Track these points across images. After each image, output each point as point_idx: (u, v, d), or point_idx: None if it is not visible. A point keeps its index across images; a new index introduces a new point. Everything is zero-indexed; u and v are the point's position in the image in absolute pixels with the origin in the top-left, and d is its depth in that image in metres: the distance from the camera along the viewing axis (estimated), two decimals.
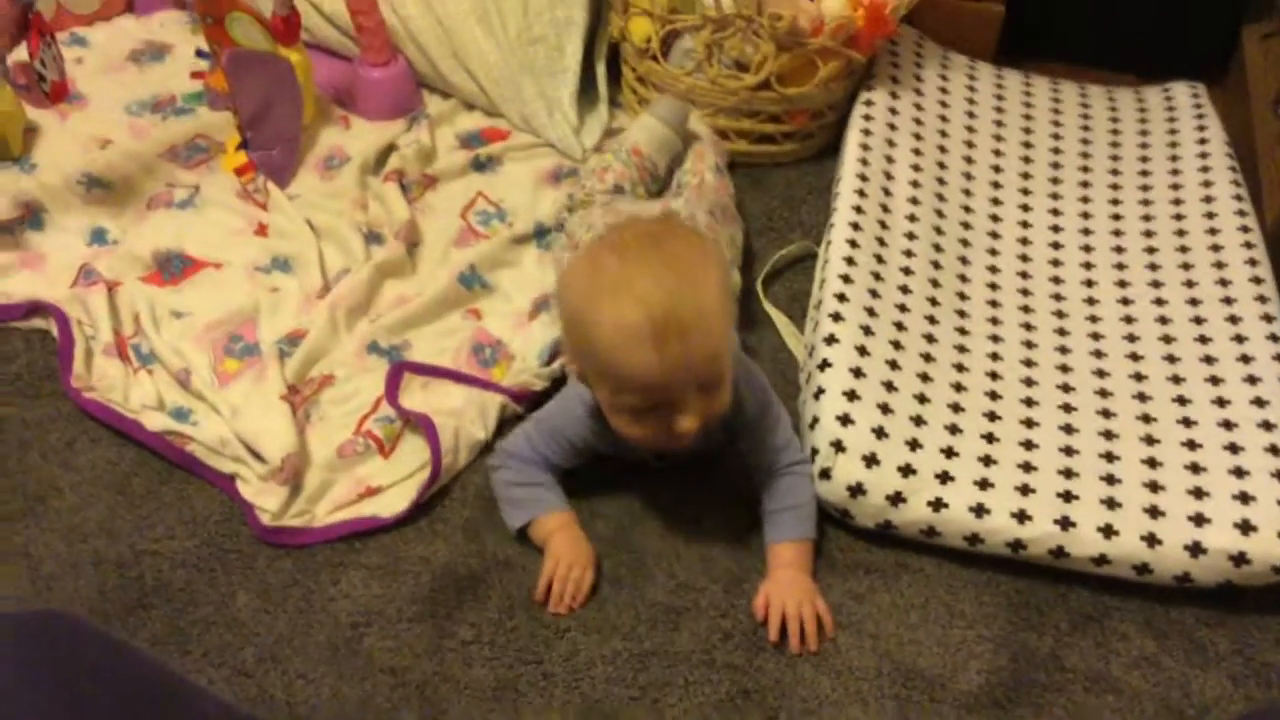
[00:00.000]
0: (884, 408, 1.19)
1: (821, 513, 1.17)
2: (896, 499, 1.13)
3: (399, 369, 1.28)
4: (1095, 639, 1.12)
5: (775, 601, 1.10)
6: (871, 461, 1.14)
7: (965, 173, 1.57)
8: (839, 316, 1.27)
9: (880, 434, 1.16)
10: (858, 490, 1.14)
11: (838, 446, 1.15)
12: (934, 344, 1.30)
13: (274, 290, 1.38)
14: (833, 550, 1.18)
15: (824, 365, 1.22)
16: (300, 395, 1.26)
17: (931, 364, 1.28)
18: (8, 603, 1.08)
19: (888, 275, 1.35)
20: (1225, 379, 1.27)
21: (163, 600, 1.09)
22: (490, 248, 1.45)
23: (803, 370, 1.31)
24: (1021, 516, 1.13)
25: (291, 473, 1.17)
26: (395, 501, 1.18)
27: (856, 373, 1.21)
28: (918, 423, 1.20)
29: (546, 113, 1.62)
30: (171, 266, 1.41)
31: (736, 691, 1.06)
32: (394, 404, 1.24)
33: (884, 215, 1.43)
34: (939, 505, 1.13)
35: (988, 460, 1.18)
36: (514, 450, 1.17)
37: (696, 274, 0.99)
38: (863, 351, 1.24)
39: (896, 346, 1.27)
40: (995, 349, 1.33)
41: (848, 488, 1.14)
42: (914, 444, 1.17)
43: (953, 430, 1.20)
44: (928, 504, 1.13)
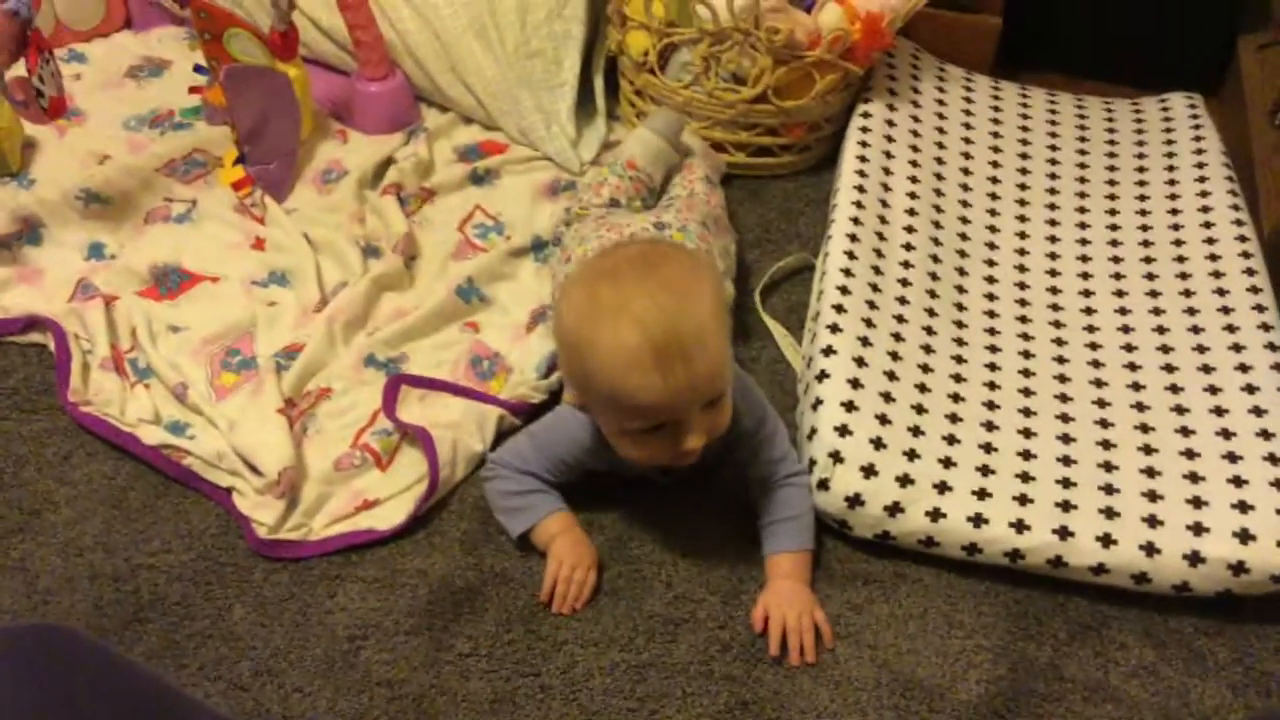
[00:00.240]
0: (882, 418, 1.19)
1: (820, 524, 1.16)
2: (895, 509, 1.13)
3: (396, 382, 1.28)
4: (1094, 648, 1.11)
5: (775, 613, 1.09)
6: (870, 472, 1.14)
7: (962, 184, 1.57)
8: (836, 328, 1.27)
9: (878, 445, 1.16)
10: (856, 501, 1.13)
11: (836, 457, 1.15)
12: (932, 354, 1.30)
13: (271, 304, 1.39)
14: (831, 561, 1.17)
15: (822, 376, 1.22)
16: (297, 408, 1.26)
17: (929, 374, 1.27)
18: (3, 617, 1.08)
19: (885, 286, 1.35)
20: (1223, 388, 1.27)
21: (159, 614, 1.09)
22: (488, 261, 1.45)
23: (800, 381, 1.31)
24: (1020, 526, 1.12)
25: (288, 486, 1.17)
26: (392, 514, 1.18)
27: (854, 384, 1.21)
28: (916, 433, 1.19)
29: (544, 126, 1.63)
30: (169, 281, 1.41)
31: (735, 703, 1.05)
32: (391, 417, 1.24)
33: (881, 227, 1.43)
34: (937, 515, 1.13)
35: (986, 470, 1.18)
36: (507, 461, 1.17)
37: (692, 292, 0.99)
38: (860, 362, 1.24)
39: (894, 357, 1.27)
40: (993, 359, 1.33)
41: (846, 498, 1.14)
42: (912, 454, 1.17)
43: (951, 440, 1.20)
44: (926, 514, 1.13)
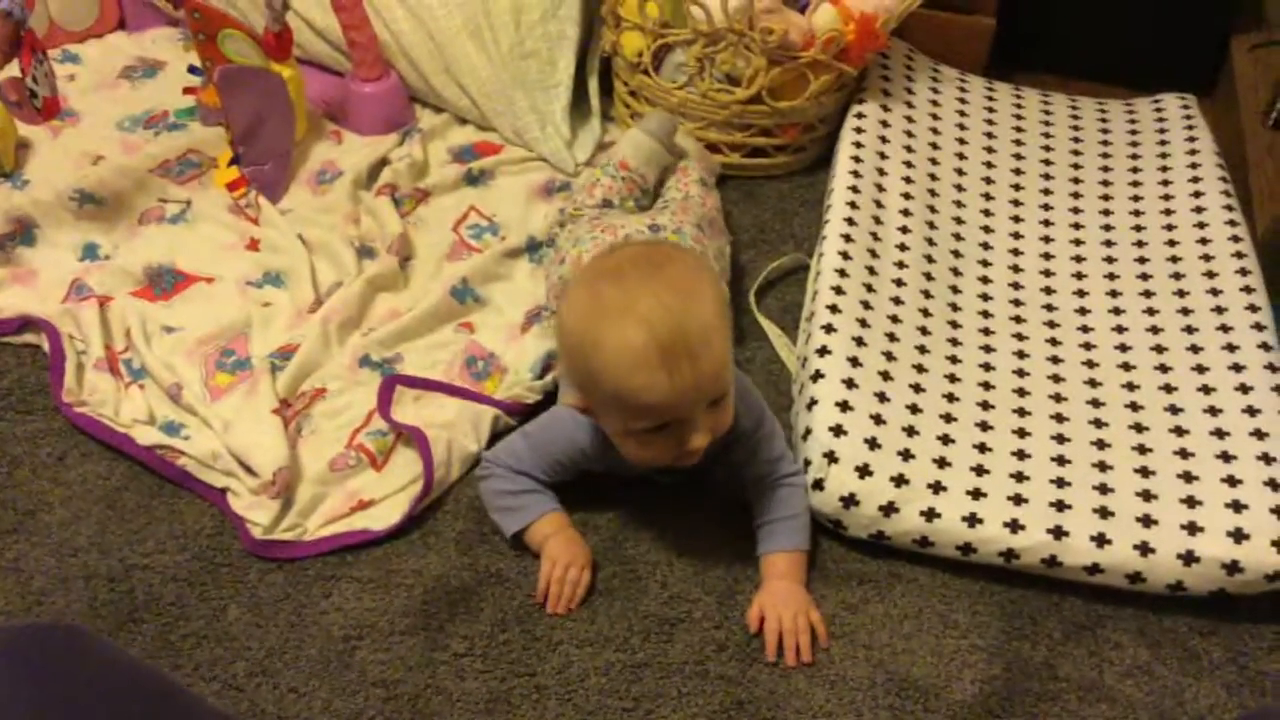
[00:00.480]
0: (877, 418, 1.19)
1: (815, 523, 1.17)
2: (889, 509, 1.13)
3: (391, 382, 1.27)
4: (1089, 648, 1.11)
5: (770, 613, 1.09)
6: (864, 472, 1.14)
7: (957, 184, 1.57)
8: (831, 328, 1.27)
9: (873, 444, 1.16)
10: (851, 501, 1.14)
11: (830, 457, 1.15)
12: (926, 354, 1.30)
13: (266, 305, 1.38)
14: (826, 561, 1.17)
15: (816, 376, 1.22)
16: (292, 409, 1.26)
17: (924, 374, 1.28)
18: None
19: (880, 286, 1.35)
20: (1217, 388, 1.27)
21: (154, 614, 1.09)
22: (483, 261, 1.45)
23: (795, 381, 1.31)
24: (1014, 526, 1.13)
25: (283, 486, 1.16)
26: (387, 514, 1.18)
27: (849, 384, 1.21)
28: (910, 433, 1.20)
29: (539, 127, 1.63)
30: (163, 281, 1.41)
31: (730, 703, 1.05)
32: (386, 417, 1.24)
33: (876, 227, 1.43)
34: (932, 515, 1.13)
35: (980, 470, 1.18)
36: (502, 460, 1.16)
37: (697, 291, 0.99)
38: (855, 362, 1.24)
39: (889, 357, 1.27)
40: (987, 359, 1.33)
41: (841, 498, 1.14)
42: (907, 454, 1.17)
43: (945, 440, 1.20)
44: (921, 514, 1.13)
